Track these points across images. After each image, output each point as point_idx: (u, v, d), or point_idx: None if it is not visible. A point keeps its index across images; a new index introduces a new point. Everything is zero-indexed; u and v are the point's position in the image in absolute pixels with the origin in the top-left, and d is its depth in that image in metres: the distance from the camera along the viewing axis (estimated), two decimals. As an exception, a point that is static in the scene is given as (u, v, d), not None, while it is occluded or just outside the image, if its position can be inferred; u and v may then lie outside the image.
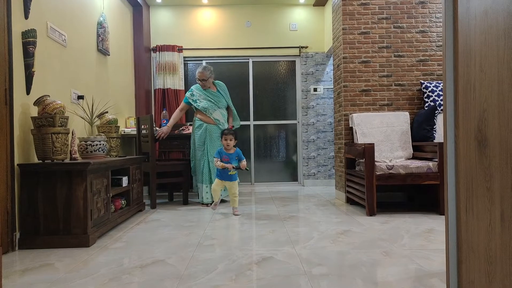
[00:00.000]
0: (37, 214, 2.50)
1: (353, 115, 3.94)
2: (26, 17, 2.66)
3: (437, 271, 1.90)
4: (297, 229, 2.85)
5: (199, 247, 2.42)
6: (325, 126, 5.66)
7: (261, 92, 5.78)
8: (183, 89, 5.51)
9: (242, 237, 2.67)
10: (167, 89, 5.42)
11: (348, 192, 3.96)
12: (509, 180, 1.08)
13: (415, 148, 3.85)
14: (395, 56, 4.10)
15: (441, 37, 4.09)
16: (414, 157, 3.82)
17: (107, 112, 3.52)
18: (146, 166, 4.04)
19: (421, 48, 4.09)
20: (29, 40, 2.63)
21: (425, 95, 3.94)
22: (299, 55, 5.69)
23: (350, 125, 4.03)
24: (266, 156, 5.79)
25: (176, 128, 4.79)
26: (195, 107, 4.15)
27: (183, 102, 4.25)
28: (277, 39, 5.69)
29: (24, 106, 2.62)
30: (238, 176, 4.02)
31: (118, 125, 3.61)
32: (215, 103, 4.11)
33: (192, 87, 4.23)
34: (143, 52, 5.24)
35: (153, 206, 3.99)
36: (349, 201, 3.99)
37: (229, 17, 5.66)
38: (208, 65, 4.30)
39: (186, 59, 5.67)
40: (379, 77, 4.10)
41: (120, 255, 2.29)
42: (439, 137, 3.77)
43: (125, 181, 3.32)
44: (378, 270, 1.92)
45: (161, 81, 5.44)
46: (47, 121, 2.56)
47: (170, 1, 5.46)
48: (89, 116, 3.18)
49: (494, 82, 1.15)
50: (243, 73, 5.75)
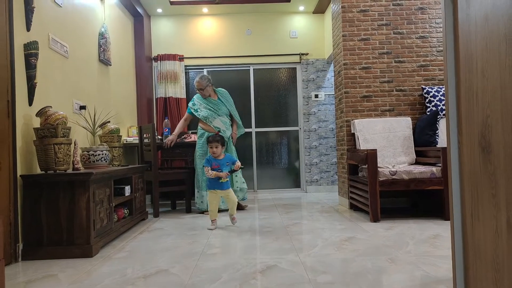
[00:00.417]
0: (40, 225, 2.50)
1: (355, 121, 3.94)
2: (28, 29, 2.68)
3: (444, 277, 1.88)
4: (301, 237, 2.84)
5: (203, 256, 2.40)
6: (327, 132, 5.65)
7: (262, 99, 5.79)
8: (184, 97, 5.53)
9: (245, 245, 2.66)
10: (168, 97, 5.45)
11: (351, 198, 3.95)
12: (515, 186, 1.07)
13: (418, 153, 3.84)
14: (395, 62, 4.10)
15: (441, 42, 4.10)
16: (417, 162, 3.80)
17: (109, 122, 3.53)
18: (149, 175, 4.03)
19: (421, 54, 4.10)
20: (31, 52, 2.65)
21: (427, 100, 3.94)
22: (300, 62, 5.71)
23: (352, 131, 4.03)
24: (268, 163, 5.78)
25: (179, 136, 4.78)
26: (197, 117, 4.17)
27: (186, 112, 4.28)
28: (278, 46, 5.72)
29: (26, 117, 2.63)
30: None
31: (120, 134, 3.61)
32: (214, 111, 4.12)
33: (194, 97, 4.26)
34: (145, 62, 5.27)
35: (156, 214, 3.98)
36: (352, 207, 3.97)
37: (229, 26, 5.70)
38: (206, 74, 4.32)
39: (187, 67, 5.69)
40: (380, 83, 4.10)
41: (124, 265, 2.28)
42: (441, 142, 3.76)
43: (127, 190, 3.31)
44: (384, 278, 1.91)
45: (163, 90, 5.46)
46: (50, 132, 2.56)
47: (170, 11, 5.50)
48: (91, 126, 3.19)
49: (496, 88, 1.14)
50: (244, 81, 5.77)
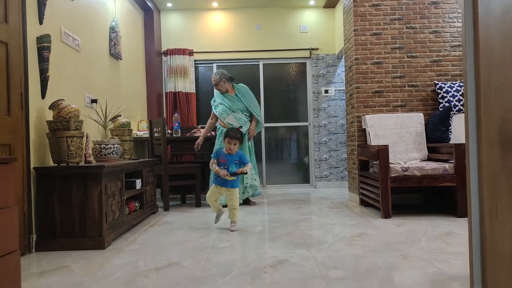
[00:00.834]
0: (53, 216, 2.53)
1: (366, 116, 3.90)
2: (41, 22, 2.69)
3: (457, 275, 1.86)
4: (311, 232, 2.83)
5: (214, 250, 2.41)
6: (336, 127, 5.62)
7: (272, 94, 5.77)
8: (194, 92, 5.54)
9: (256, 239, 2.66)
10: (178, 92, 5.45)
11: (361, 194, 3.92)
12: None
13: (430, 150, 3.79)
14: (408, 57, 4.05)
15: (455, 37, 4.04)
16: (429, 159, 3.77)
17: (120, 116, 3.54)
18: (159, 168, 4.05)
19: (434, 49, 4.04)
20: (43, 45, 2.66)
21: (440, 95, 3.89)
22: (310, 57, 5.67)
23: (363, 127, 4.00)
24: (277, 158, 5.77)
25: (188, 131, 4.80)
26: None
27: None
28: (288, 41, 5.68)
29: (39, 110, 2.65)
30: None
31: (131, 128, 3.63)
32: (229, 107, 4.09)
33: (215, 93, 4.27)
34: (154, 56, 5.28)
35: (166, 208, 4.00)
36: (362, 203, 3.95)
37: (239, 20, 5.67)
38: (220, 69, 4.28)
39: (196, 62, 5.69)
40: (392, 78, 4.05)
41: (135, 257, 2.29)
42: (454, 138, 3.71)
43: (138, 183, 3.33)
44: (396, 274, 1.89)
45: (172, 84, 5.47)
46: (62, 125, 2.58)
47: (180, 5, 5.49)
48: (103, 120, 3.20)
49: (519, 82, 1.12)
50: (254, 76, 5.75)
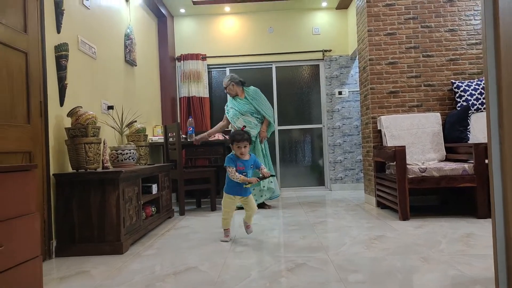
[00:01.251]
0: (72, 222, 2.56)
1: (382, 117, 3.86)
2: (58, 31, 2.75)
3: (480, 277, 1.81)
4: (328, 235, 2.80)
5: (231, 254, 2.41)
6: (351, 129, 5.57)
7: (285, 97, 5.76)
8: (207, 96, 5.56)
9: (273, 243, 2.65)
10: (192, 97, 5.49)
11: (378, 196, 3.87)
12: None
13: (447, 150, 3.72)
14: (423, 56, 3.99)
15: (472, 35, 3.96)
16: (447, 159, 3.70)
17: (135, 121, 3.58)
18: (174, 173, 4.08)
19: (451, 47, 3.97)
20: (61, 54, 2.72)
21: (457, 95, 3.82)
22: (323, 59, 5.65)
23: (379, 128, 3.95)
24: (292, 161, 5.75)
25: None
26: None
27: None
28: (300, 43, 5.67)
29: (58, 118, 2.70)
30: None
31: (146, 133, 3.66)
32: (238, 110, 4.13)
33: (228, 98, 4.35)
34: (168, 62, 5.33)
35: (182, 212, 4.02)
36: (379, 205, 3.90)
37: (251, 24, 5.69)
38: (231, 73, 4.33)
39: (210, 67, 5.72)
40: (407, 78, 4.00)
41: (153, 262, 2.31)
42: (473, 138, 3.63)
43: (154, 188, 3.36)
44: (416, 277, 1.86)
45: (186, 89, 5.51)
46: (80, 131, 2.62)
47: (193, 11, 5.54)
48: (119, 126, 3.25)
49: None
50: (267, 79, 5.75)
